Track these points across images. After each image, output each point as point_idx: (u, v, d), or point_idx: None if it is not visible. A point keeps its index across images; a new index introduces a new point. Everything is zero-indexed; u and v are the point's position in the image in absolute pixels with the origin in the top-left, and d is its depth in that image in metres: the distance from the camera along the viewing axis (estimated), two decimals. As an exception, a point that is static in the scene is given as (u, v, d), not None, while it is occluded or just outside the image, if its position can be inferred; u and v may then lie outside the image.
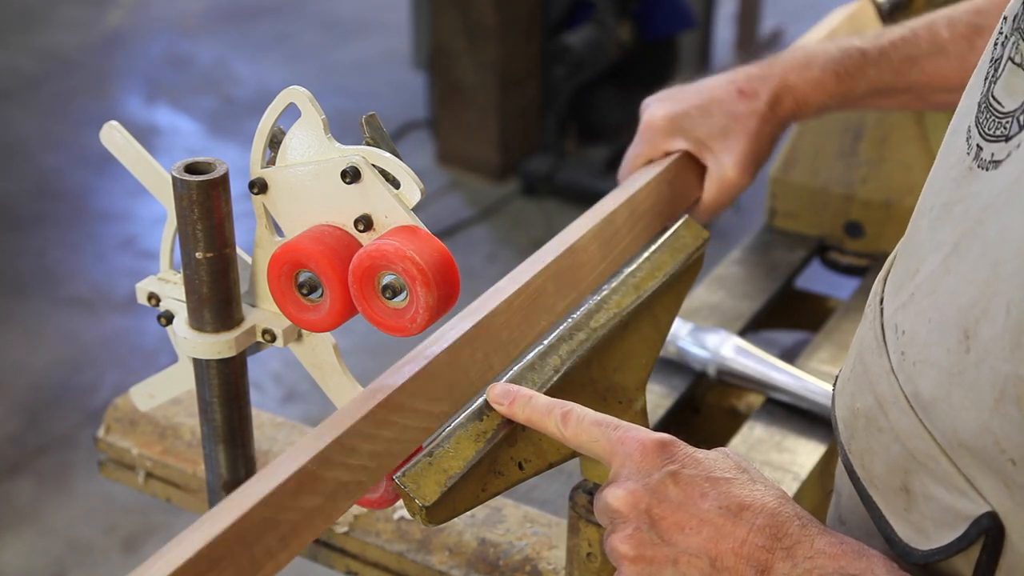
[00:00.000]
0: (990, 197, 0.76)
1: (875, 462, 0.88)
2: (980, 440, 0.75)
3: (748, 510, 0.83)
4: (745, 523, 0.83)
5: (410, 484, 0.89)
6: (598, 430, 0.90)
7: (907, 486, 0.84)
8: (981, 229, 0.76)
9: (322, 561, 1.27)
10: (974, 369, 0.75)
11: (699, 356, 1.54)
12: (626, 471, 0.87)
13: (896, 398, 0.84)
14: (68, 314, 3.68)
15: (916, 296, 0.82)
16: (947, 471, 0.80)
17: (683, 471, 0.85)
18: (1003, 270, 0.73)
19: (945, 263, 0.79)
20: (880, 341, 0.87)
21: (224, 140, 4.64)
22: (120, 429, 1.36)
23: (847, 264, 1.87)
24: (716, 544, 0.83)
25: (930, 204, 0.85)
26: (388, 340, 1.12)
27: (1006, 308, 0.72)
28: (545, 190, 4.22)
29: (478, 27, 4.15)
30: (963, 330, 0.76)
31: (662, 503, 0.85)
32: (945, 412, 0.78)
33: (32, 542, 2.90)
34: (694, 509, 0.84)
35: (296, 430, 1.33)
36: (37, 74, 5.13)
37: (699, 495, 0.84)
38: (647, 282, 1.12)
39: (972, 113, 0.82)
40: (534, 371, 1.01)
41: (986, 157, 0.78)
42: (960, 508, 0.79)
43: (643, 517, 0.85)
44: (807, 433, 1.46)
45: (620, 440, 0.88)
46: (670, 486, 0.85)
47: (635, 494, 0.85)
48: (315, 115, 0.95)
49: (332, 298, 0.95)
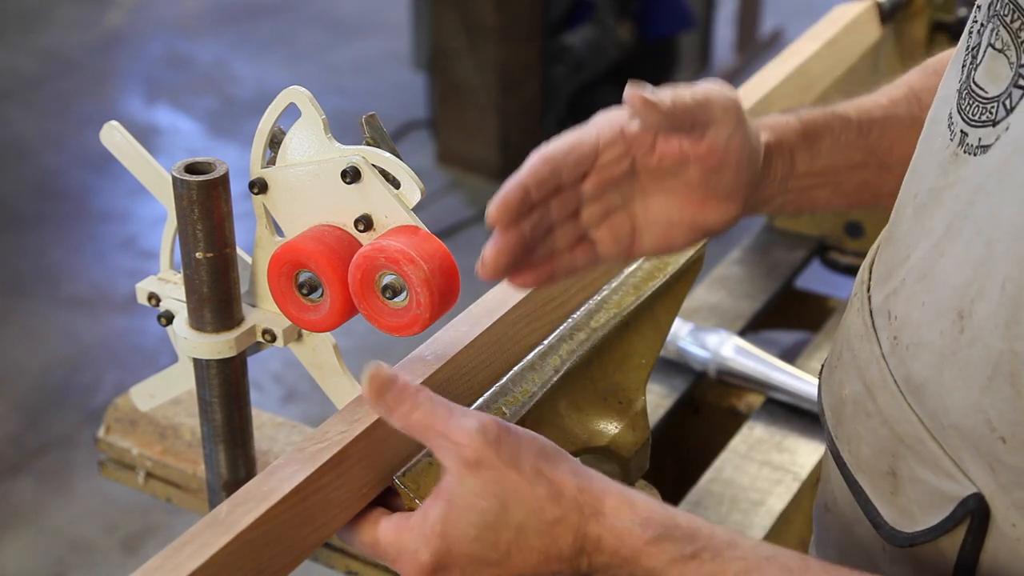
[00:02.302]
0: (980, 180, 0.77)
1: (862, 447, 0.89)
2: (970, 419, 0.76)
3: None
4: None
5: (410, 484, 0.89)
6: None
7: (894, 470, 0.85)
8: (973, 211, 0.77)
9: (323, 561, 1.27)
10: (967, 348, 0.76)
11: (699, 356, 1.54)
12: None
13: (885, 383, 0.85)
14: (68, 314, 3.68)
15: (907, 281, 0.83)
16: (934, 453, 0.81)
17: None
18: (997, 249, 0.74)
19: (938, 246, 0.80)
20: (869, 328, 0.88)
21: (224, 140, 4.64)
22: (120, 429, 1.36)
23: (847, 264, 1.87)
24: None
25: (914, 192, 0.86)
26: (388, 340, 1.12)
27: (1001, 285, 0.73)
28: (545, 190, 4.22)
29: (478, 27, 4.15)
30: (957, 311, 0.77)
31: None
32: (936, 393, 0.79)
33: (32, 542, 2.90)
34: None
35: (296, 430, 1.33)
36: (37, 74, 5.12)
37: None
38: (647, 282, 1.12)
39: (952, 100, 0.83)
40: (534, 371, 1.01)
41: (972, 142, 0.79)
42: (946, 490, 0.80)
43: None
44: (807, 433, 1.46)
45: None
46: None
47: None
48: (315, 115, 0.95)
49: (332, 298, 0.96)
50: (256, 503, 0.84)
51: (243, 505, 0.84)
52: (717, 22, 5.01)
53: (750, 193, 0.98)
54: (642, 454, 1.09)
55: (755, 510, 1.34)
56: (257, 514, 0.82)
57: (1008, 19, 0.78)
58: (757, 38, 5.20)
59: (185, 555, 0.80)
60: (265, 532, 0.82)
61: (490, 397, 0.98)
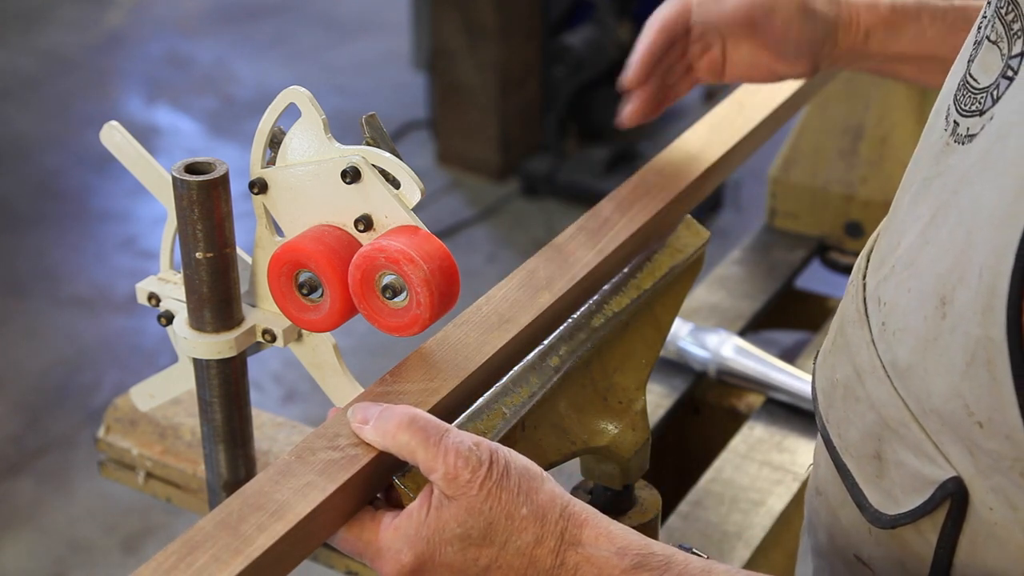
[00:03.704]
0: (964, 169, 0.79)
1: (851, 430, 0.91)
2: (950, 404, 0.78)
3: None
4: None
5: (410, 484, 0.89)
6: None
7: (880, 453, 0.87)
8: (956, 199, 0.79)
9: (322, 561, 1.27)
10: (948, 334, 0.78)
11: (699, 356, 1.54)
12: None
13: (874, 367, 0.87)
14: (68, 314, 3.68)
15: (896, 268, 0.85)
16: (917, 438, 0.83)
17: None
18: (976, 237, 0.75)
19: (923, 234, 0.82)
20: (862, 314, 0.90)
21: (224, 140, 4.64)
22: (120, 429, 1.36)
23: (847, 264, 1.87)
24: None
25: (911, 181, 0.88)
26: (388, 340, 1.12)
27: (979, 272, 0.75)
28: (545, 190, 4.22)
29: (478, 27, 4.15)
30: (940, 297, 0.78)
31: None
32: (920, 377, 0.81)
33: (32, 542, 2.90)
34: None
35: (296, 430, 1.33)
36: (37, 74, 5.12)
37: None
38: (647, 282, 1.12)
39: (952, 92, 0.85)
40: (534, 371, 1.01)
41: (962, 132, 0.81)
42: (928, 474, 0.82)
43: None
44: (807, 433, 1.46)
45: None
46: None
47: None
48: (315, 115, 0.95)
49: (332, 298, 0.96)
50: (269, 519, 0.82)
51: (255, 515, 0.82)
52: (717, 22, 5.01)
53: (818, 58, 1.25)
54: (642, 454, 1.09)
55: (755, 510, 1.34)
56: (273, 538, 0.81)
57: (1003, 11, 0.80)
58: (757, 38, 5.20)
59: (199, 565, 0.79)
60: (275, 553, 0.82)
61: (490, 397, 0.98)
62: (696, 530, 1.31)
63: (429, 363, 0.97)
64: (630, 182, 1.27)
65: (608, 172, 4.14)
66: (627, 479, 1.09)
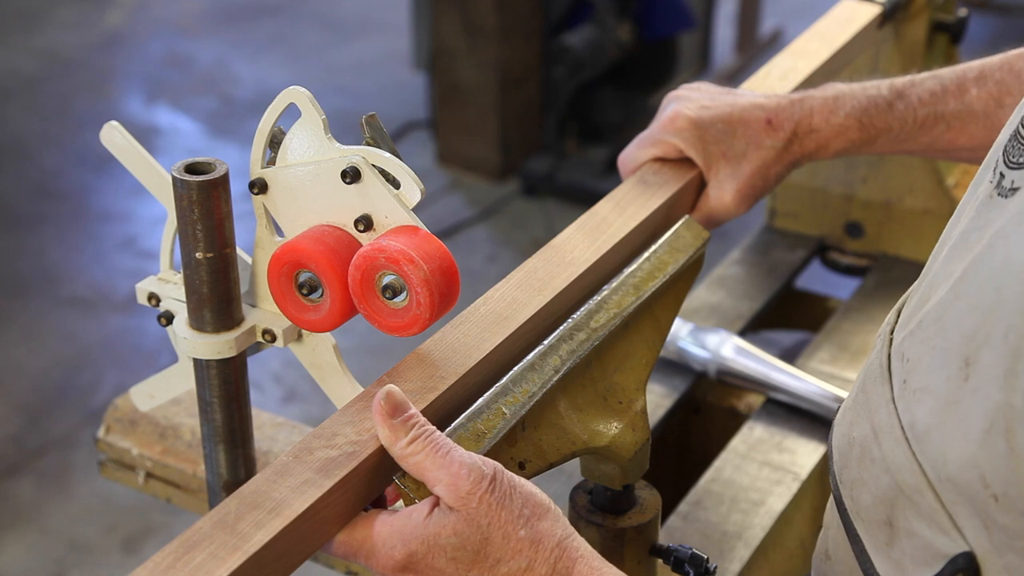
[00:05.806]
0: (1002, 223, 0.76)
1: (864, 493, 0.88)
2: (966, 473, 0.75)
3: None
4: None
5: (410, 485, 0.89)
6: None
7: (891, 520, 0.84)
8: (990, 254, 0.76)
9: (322, 561, 1.27)
10: (970, 397, 0.74)
11: (699, 356, 1.54)
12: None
13: (892, 427, 0.84)
14: (68, 314, 3.68)
15: (924, 323, 0.82)
16: (932, 507, 0.80)
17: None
18: (1005, 295, 0.72)
19: (953, 289, 0.79)
20: (885, 369, 0.87)
21: (224, 140, 4.64)
22: (120, 429, 1.36)
23: (847, 264, 1.87)
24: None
25: (951, 234, 0.85)
26: (388, 340, 1.12)
27: (1004, 333, 0.72)
28: (545, 190, 4.22)
29: (478, 27, 4.15)
30: (964, 357, 0.75)
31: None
32: (937, 442, 0.78)
33: (32, 542, 2.90)
34: None
35: (296, 430, 1.33)
36: (37, 74, 5.12)
37: None
38: (647, 282, 1.12)
39: (1003, 144, 0.82)
40: (534, 371, 1.01)
41: (1007, 185, 0.78)
42: (939, 546, 0.79)
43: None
44: (807, 433, 1.46)
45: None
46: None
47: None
48: (315, 115, 0.95)
49: (332, 298, 0.95)
50: (267, 516, 0.83)
51: (252, 513, 0.83)
52: (717, 22, 5.01)
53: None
54: (642, 454, 1.09)
55: (755, 510, 1.34)
56: (271, 533, 0.81)
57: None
58: (757, 38, 5.20)
59: (196, 563, 0.79)
60: (274, 549, 0.82)
61: (490, 397, 0.98)
62: (696, 530, 1.31)
63: (427, 363, 0.97)
64: (628, 182, 1.27)
65: (608, 172, 4.14)
66: (627, 479, 1.09)
